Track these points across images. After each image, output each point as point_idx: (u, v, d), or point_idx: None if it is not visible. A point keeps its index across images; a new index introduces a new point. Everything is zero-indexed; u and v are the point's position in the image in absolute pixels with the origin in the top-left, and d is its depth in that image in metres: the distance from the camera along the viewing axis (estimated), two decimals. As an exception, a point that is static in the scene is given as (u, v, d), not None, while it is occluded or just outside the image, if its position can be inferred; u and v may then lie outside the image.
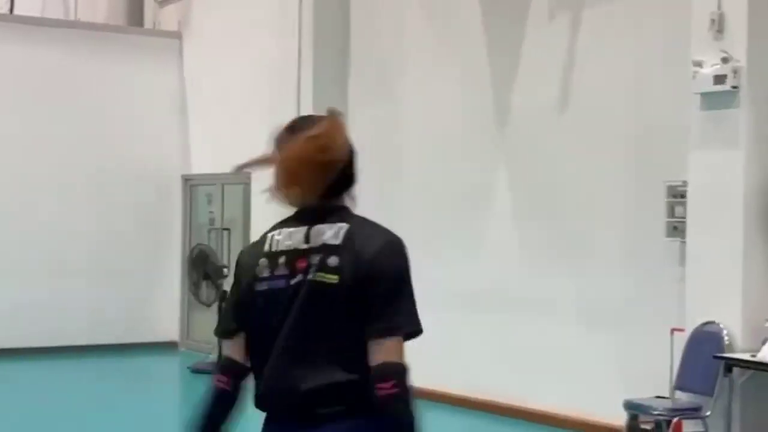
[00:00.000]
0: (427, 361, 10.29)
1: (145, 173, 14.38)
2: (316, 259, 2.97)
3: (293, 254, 3.01)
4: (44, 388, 11.56)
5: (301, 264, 2.99)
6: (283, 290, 3.00)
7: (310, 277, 2.97)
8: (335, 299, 2.94)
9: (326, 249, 2.98)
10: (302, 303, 2.97)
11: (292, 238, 3.04)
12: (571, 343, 9.38)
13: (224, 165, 16.58)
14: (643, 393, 8.16)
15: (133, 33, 14.89)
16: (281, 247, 3.04)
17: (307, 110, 11.86)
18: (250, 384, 3.13)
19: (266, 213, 13.85)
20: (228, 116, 13.73)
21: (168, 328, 14.48)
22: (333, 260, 2.96)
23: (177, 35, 14.75)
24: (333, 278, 2.94)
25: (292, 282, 2.99)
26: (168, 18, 15.07)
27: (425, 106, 10.97)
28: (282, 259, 3.03)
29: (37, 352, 13.33)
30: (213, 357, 12.60)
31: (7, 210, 13.45)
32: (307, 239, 3.02)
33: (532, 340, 9.74)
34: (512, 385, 9.84)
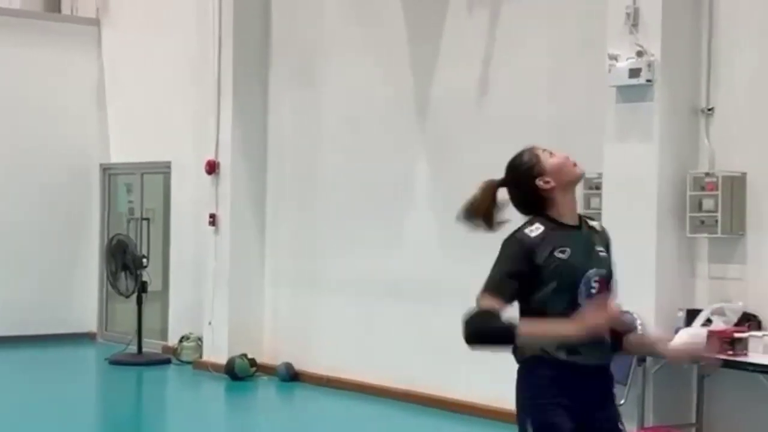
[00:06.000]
0: (345, 351, 10.35)
1: (63, 162, 14.19)
2: None
3: None
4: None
5: None
6: None
7: None
8: None
9: None
10: None
11: None
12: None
13: (144, 154, 16.28)
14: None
15: (50, 19, 14.67)
16: None
17: (227, 98, 11.78)
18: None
19: (186, 203, 13.63)
20: (147, 104, 13.59)
21: (86, 319, 14.32)
22: None
23: (95, 22, 14.57)
24: None
25: None
26: (86, 4, 14.87)
27: (346, 94, 10.96)
28: None
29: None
30: (131, 348, 12.48)
31: None
32: None
33: (450, 330, 9.79)
34: (429, 374, 9.90)
